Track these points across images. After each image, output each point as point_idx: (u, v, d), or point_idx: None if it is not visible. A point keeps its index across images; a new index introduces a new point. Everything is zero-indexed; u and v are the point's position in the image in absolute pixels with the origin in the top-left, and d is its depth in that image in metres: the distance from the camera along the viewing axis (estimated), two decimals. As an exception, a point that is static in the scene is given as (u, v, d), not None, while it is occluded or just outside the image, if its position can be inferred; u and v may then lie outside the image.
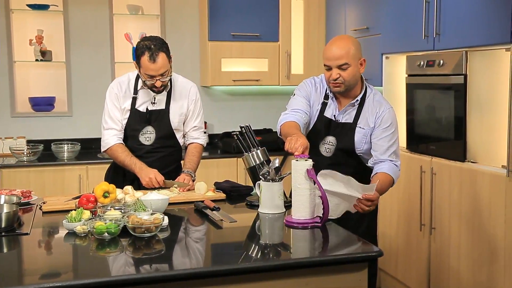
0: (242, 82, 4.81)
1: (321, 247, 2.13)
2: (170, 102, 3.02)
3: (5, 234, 2.14)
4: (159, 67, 2.82)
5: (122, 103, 2.99)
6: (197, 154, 3.12)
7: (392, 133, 2.56)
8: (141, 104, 2.99)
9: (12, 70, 4.55)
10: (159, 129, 3.00)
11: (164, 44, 2.90)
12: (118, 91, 3.00)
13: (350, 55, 2.51)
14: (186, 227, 2.39)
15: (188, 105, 3.07)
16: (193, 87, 3.12)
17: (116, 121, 2.99)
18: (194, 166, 3.07)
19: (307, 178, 2.22)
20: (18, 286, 1.67)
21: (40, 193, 3.09)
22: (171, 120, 3.01)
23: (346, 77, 2.52)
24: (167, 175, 2.96)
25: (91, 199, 2.37)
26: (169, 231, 2.18)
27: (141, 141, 3.00)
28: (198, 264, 1.91)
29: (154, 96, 2.98)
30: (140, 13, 4.76)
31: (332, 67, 2.54)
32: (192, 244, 2.14)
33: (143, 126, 2.99)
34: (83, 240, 2.06)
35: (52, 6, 4.55)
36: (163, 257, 1.93)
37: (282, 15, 4.78)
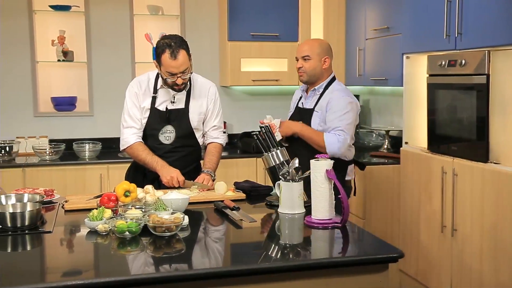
0: (261, 82, 4.81)
1: (341, 248, 2.12)
2: (190, 101, 3.03)
3: (29, 232, 2.17)
4: (180, 64, 2.84)
5: (142, 102, 3.00)
6: (217, 153, 3.12)
7: (340, 116, 2.98)
8: (160, 103, 3.00)
9: (35, 70, 4.61)
10: (179, 128, 3.01)
11: (184, 42, 2.92)
12: (138, 90, 3.01)
13: (313, 51, 3.11)
14: (206, 226, 2.40)
15: (208, 104, 3.07)
16: (213, 87, 3.13)
17: (136, 119, 3.01)
18: (214, 165, 3.07)
19: (327, 178, 2.22)
20: (41, 284, 1.69)
21: (62, 191, 3.12)
22: (190, 119, 3.02)
23: (308, 68, 3.12)
24: (187, 174, 2.97)
25: (112, 198, 2.39)
26: (189, 231, 2.19)
27: (161, 140, 3.01)
28: (217, 264, 1.92)
29: (173, 95, 2.99)
30: (160, 13, 4.79)
31: (298, 58, 3.17)
32: (212, 243, 2.15)
33: (162, 125, 3.00)
34: (104, 239, 2.08)
35: (74, 7, 4.60)
36: (183, 257, 1.94)
37: (302, 15, 4.77)
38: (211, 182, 2.90)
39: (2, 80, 4.59)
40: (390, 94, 4.78)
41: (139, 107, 3.01)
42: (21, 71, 4.61)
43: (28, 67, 4.60)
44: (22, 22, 4.55)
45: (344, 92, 3.10)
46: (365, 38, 4.49)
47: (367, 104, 5.17)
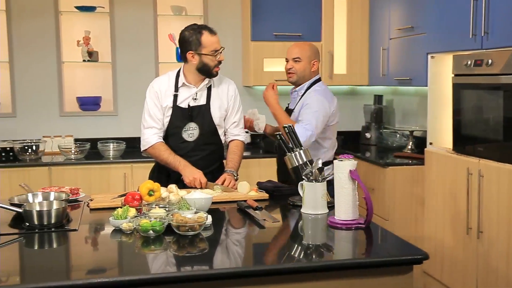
0: (285, 82, 4.77)
1: (365, 249, 2.10)
2: (211, 98, 3.04)
3: (55, 229, 2.20)
4: (218, 39, 2.99)
5: (163, 102, 3.02)
6: (239, 152, 3.12)
7: (308, 112, 3.13)
8: (182, 101, 3.02)
9: (61, 71, 4.68)
10: (202, 125, 3.02)
11: None
12: (158, 90, 3.03)
13: (303, 53, 3.26)
14: (229, 226, 2.41)
15: (228, 101, 3.09)
16: (231, 84, 3.16)
17: (156, 119, 3.02)
18: (236, 165, 3.07)
19: (350, 178, 2.21)
20: (66, 281, 1.71)
21: (87, 190, 3.16)
22: (212, 115, 3.03)
23: (298, 69, 3.26)
24: (210, 174, 2.98)
25: (137, 197, 2.42)
26: (213, 230, 2.20)
27: (184, 138, 3.02)
28: (240, 264, 1.92)
29: (195, 92, 3.01)
30: (183, 13, 4.81)
31: (288, 60, 3.29)
32: (235, 243, 2.15)
33: (185, 122, 3.01)
34: (128, 237, 2.10)
35: (99, 8, 4.65)
36: (206, 256, 1.95)
37: (325, 15, 4.75)
38: (233, 183, 2.90)
39: (29, 80, 4.66)
40: (414, 94, 4.73)
41: (160, 107, 3.02)
42: (47, 71, 4.68)
43: (54, 67, 4.67)
44: (48, 23, 4.61)
45: (316, 92, 3.24)
46: (389, 38, 4.46)
47: (390, 104, 5.13)
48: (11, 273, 1.82)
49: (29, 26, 4.60)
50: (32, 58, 4.64)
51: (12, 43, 4.59)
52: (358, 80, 4.90)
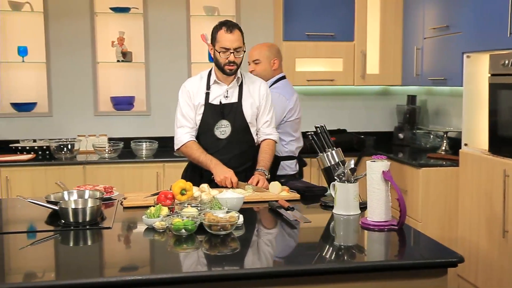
0: (316, 82, 4.79)
1: (398, 251, 2.08)
2: (242, 95, 3.05)
3: (89, 227, 2.24)
4: (234, 39, 2.91)
5: (195, 100, 3.04)
6: (270, 151, 3.11)
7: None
8: (214, 98, 3.03)
9: (95, 71, 4.76)
10: (234, 122, 3.02)
11: (239, 26, 2.99)
12: (191, 89, 3.06)
13: (262, 54, 3.45)
14: (261, 226, 2.41)
15: (259, 100, 3.09)
16: (263, 83, 3.16)
17: (189, 118, 3.05)
18: (268, 163, 3.06)
19: (383, 179, 2.18)
20: (99, 278, 1.74)
21: (120, 189, 3.20)
22: (244, 112, 3.03)
23: (259, 70, 3.44)
24: (243, 172, 2.98)
25: (169, 196, 2.44)
26: (244, 230, 2.20)
27: (217, 135, 3.03)
28: (271, 264, 1.92)
29: (226, 90, 3.03)
30: (216, 14, 4.84)
31: (250, 63, 3.49)
32: (266, 243, 2.15)
33: (217, 119, 3.02)
34: (161, 236, 2.12)
35: (133, 9, 4.71)
36: (237, 256, 1.95)
37: (358, 14, 4.71)
38: (265, 183, 2.90)
39: (65, 80, 4.75)
40: (449, 94, 4.66)
41: (192, 106, 3.04)
42: (82, 72, 4.76)
43: (89, 68, 4.75)
44: (84, 24, 4.70)
45: (278, 89, 3.40)
46: (423, 37, 4.39)
47: (424, 104, 5.06)
48: (47, 269, 1.86)
49: (65, 27, 4.69)
50: (68, 59, 4.73)
51: (49, 44, 4.68)
52: (391, 80, 4.85)
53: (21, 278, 1.78)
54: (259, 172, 2.98)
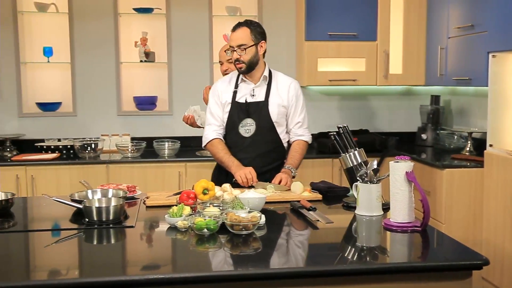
0: (339, 82, 4.77)
1: (421, 252, 2.06)
2: (269, 95, 3.04)
3: (113, 226, 2.26)
4: (236, 37, 2.95)
5: (223, 98, 3.08)
6: (300, 150, 3.11)
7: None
8: (241, 97, 3.05)
9: (119, 71, 4.80)
10: (259, 121, 3.02)
11: (254, 23, 2.99)
12: (219, 88, 3.11)
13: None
14: (282, 226, 2.40)
15: (289, 100, 3.07)
16: (294, 83, 3.13)
17: (216, 117, 3.09)
18: (296, 162, 3.06)
19: (407, 180, 2.16)
20: (122, 276, 1.76)
21: (142, 188, 3.22)
22: (270, 112, 3.03)
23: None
24: (268, 172, 2.98)
25: (191, 195, 2.45)
26: (266, 230, 2.20)
27: (241, 134, 3.04)
28: (293, 264, 1.91)
29: (253, 89, 3.03)
30: (238, 14, 4.85)
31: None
32: (288, 243, 2.15)
33: (242, 118, 3.04)
34: (183, 235, 2.13)
35: (156, 9, 4.75)
36: (259, 255, 1.95)
37: (381, 14, 4.68)
38: (289, 182, 2.88)
39: (89, 80, 4.81)
40: (473, 94, 4.60)
41: (220, 104, 3.08)
42: (106, 72, 4.81)
43: (113, 68, 4.80)
44: (107, 24, 4.75)
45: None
46: (448, 37, 4.34)
47: (448, 105, 5.00)
48: (71, 267, 1.88)
49: (89, 28, 4.74)
50: (92, 59, 4.79)
51: (74, 44, 4.74)
52: (414, 80, 4.80)
53: (46, 275, 1.81)
54: (285, 169, 2.99)
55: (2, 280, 1.73)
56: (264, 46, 3.02)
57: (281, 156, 3.13)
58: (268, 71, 3.09)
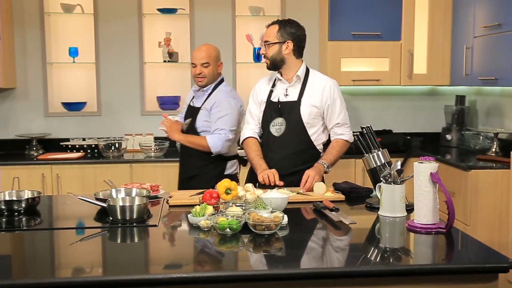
0: (362, 82, 4.74)
1: (446, 254, 2.03)
2: (303, 95, 3.03)
3: (136, 225, 2.28)
4: (265, 33, 3.05)
5: (260, 97, 3.12)
6: (338, 147, 3.07)
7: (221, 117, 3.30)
8: (275, 96, 3.07)
9: (143, 71, 4.84)
10: (289, 121, 3.01)
11: (288, 23, 3.04)
12: (258, 87, 3.17)
13: (210, 57, 3.35)
14: (305, 226, 2.40)
15: (322, 101, 3.02)
16: (330, 84, 3.06)
17: (254, 115, 3.14)
18: (331, 158, 3.02)
19: (431, 181, 2.14)
20: (145, 275, 1.77)
21: (165, 187, 3.25)
22: (301, 112, 3.00)
23: (207, 73, 3.35)
24: (298, 174, 2.95)
25: (214, 195, 2.46)
26: (288, 230, 2.20)
27: (272, 132, 3.04)
28: (315, 264, 1.91)
29: (286, 88, 3.04)
30: (261, 14, 4.85)
31: (197, 65, 3.35)
32: (310, 244, 2.14)
33: (274, 117, 3.04)
34: (206, 234, 2.13)
35: (180, 10, 4.77)
36: (281, 255, 1.95)
37: (405, 13, 4.63)
38: (316, 178, 2.84)
39: (114, 80, 4.86)
40: (500, 94, 4.52)
41: (258, 104, 3.12)
42: (130, 72, 4.86)
43: (137, 68, 4.84)
44: (132, 25, 4.79)
45: (228, 94, 3.36)
46: (474, 36, 4.28)
47: (473, 105, 4.93)
48: (95, 265, 1.90)
49: (114, 28, 4.79)
50: (116, 59, 4.83)
51: (99, 45, 4.80)
52: (439, 80, 4.75)
53: (70, 273, 1.83)
54: (318, 164, 2.96)
55: (28, 277, 1.76)
56: (290, 46, 3.00)
57: (313, 158, 3.05)
58: (305, 70, 3.07)
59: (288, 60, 3.02)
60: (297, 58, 3.06)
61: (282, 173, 2.97)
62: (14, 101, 4.79)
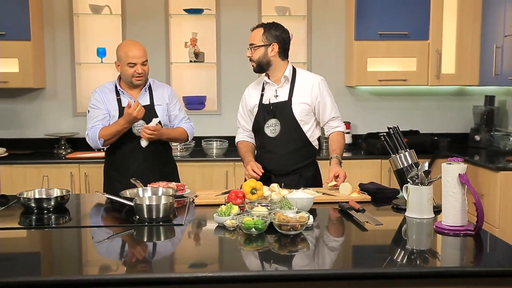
0: (388, 82, 4.69)
1: (474, 257, 2.00)
2: (293, 94, 3.05)
3: (162, 223, 2.30)
4: (251, 36, 3.05)
5: (251, 102, 3.16)
6: (341, 139, 3.13)
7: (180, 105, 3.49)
8: (266, 99, 3.10)
9: (169, 71, 4.88)
10: (283, 120, 3.04)
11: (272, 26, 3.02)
12: (246, 93, 3.25)
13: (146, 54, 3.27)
14: (331, 227, 2.39)
15: (312, 98, 3.05)
16: (317, 80, 3.08)
17: (241, 121, 3.27)
18: (341, 151, 3.08)
19: (460, 182, 2.11)
20: (170, 273, 1.79)
21: (191, 186, 3.27)
22: (293, 110, 3.03)
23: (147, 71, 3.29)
24: (298, 172, 3.03)
25: (240, 195, 2.46)
26: (314, 230, 2.19)
27: (267, 134, 3.07)
28: (341, 265, 1.90)
29: (276, 89, 3.07)
30: (287, 14, 4.84)
31: (137, 64, 3.23)
32: (336, 244, 2.13)
33: (267, 118, 3.07)
34: (231, 234, 2.14)
35: (206, 10, 4.80)
36: (307, 256, 1.95)
37: (433, 12, 4.58)
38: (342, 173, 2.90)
39: (140, 80, 4.89)
40: (531, 94, 4.44)
41: (247, 111, 3.21)
42: (157, 72, 4.87)
43: (164, 68, 4.87)
44: (159, 25, 4.83)
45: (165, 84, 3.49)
46: (504, 35, 4.20)
47: (503, 105, 4.84)
48: (121, 263, 1.92)
49: (141, 29, 4.84)
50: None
51: (126, 45, 4.84)
52: (467, 80, 4.68)
53: (97, 270, 1.86)
54: (335, 159, 3.00)
55: (56, 274, 1.80)
56: (275, 48, 2.99)
57: (311, 154, 3.13)
58: (292, 71, 3.08)
59: (274, 62, 3.04)
60: (283, 59, 3.07)
61: (282, 172, 3.05)
62: (43, 101, 4.87)
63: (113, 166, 3.25)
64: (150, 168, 3.19)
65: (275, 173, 3.06)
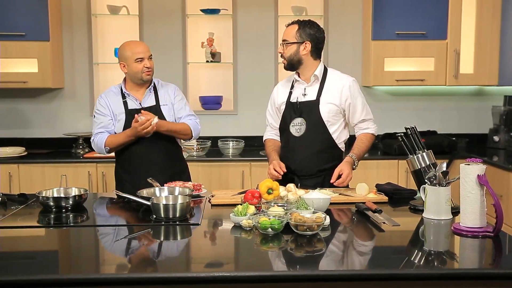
0: (406, 82, 4.66)
1: (493, 259, 1.97)
2: (321, 94, 3.02)
3: (179, 223, 2.31)
4: (284, 32, 3.03)
5: (279, 100, 3.14)
6: (366, 141, 3.06)
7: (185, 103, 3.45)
8: (294, 97, 3.07)
9: (186, 71, 4.90)
10: (309, 120, 3.01)
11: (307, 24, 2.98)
12: (276, 90, 3.20)
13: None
14: (347, 227, 2.37)
15: (341, 99, 3.01)
16: (347, 81, 3.03)
17: (270, 119, 3.23)
18: (360, 152, 3.01)
19: (478, 183, 2.09)
20: (186, 273, 1.80)
21: (207, 186, 3.28)
22: (320, 111, 2.99)
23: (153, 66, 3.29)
24: (322, 174, 2.97)
25: (256, 194, 2.46)
26: (330, 231, 2.18)
27: (292, 133, 3.05)
28: (357, 266, 1.89)
29: (304, 88, 3.04)
30: (304, 14, 4.83)
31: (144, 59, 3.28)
32: (353, 245, 2.12)
33: (293, 117, 3.05)
34: (248, 234, 2.14)
35: (223, 10, 4.80)
36: (323, 256, 1.94)
37: (452, 11, 4.53)
38: (350, 175, 2.86)
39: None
40: (551, 95, 4.38)
41: (275, 108, 3.17)
42: (174, 72, 4.91)
43: (180, 68, 4.89)
44: (176, 25, 4.85)
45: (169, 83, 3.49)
46: (523, 34, 4.16)
47: (523, 105, 4.78)
48: (138, 262, 1.93)
49: (158, 29, 4.86)
50: (160, 60, 4.88)
51: (143, 45, 4.87)
52: (486, 80, 4.63)
53: (114, 269, 1.87)
54: (348, 158, 2.96)
55: (74, 272, 1.81)
56: (308, 46, 2.96)
57: (336, 157, 3.04)
58: (323, 70, 3.05)
59: (305, 61, 3.00)
60: (315, 59, 3.03)
61: (305, 174, 3.01)
62: (62, 101, 4.92)
63: (123, 168, 3.27)
64: (160, 168, 3.19)
65: (298, 174, 3.02)
